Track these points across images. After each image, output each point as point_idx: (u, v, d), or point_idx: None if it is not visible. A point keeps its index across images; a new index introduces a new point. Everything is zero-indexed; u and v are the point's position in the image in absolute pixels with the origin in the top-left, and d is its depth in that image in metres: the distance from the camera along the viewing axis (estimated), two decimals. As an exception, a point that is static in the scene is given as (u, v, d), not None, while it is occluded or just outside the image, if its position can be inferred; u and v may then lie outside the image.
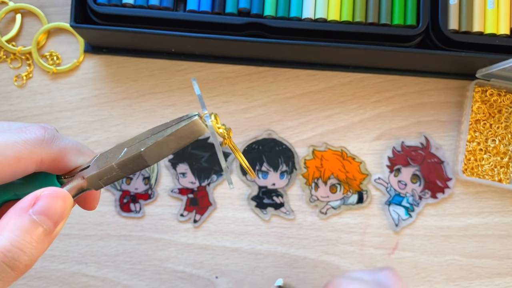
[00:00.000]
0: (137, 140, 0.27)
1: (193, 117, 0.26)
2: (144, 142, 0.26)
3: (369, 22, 0.46)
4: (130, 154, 0.26)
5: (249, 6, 0.45)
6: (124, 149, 0.27)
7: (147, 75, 0.51)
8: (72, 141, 0.28)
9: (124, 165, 0.26)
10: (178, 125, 0.26)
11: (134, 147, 0.26)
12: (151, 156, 0.26)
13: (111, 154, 0.27)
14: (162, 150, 0.26)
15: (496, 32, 0.46)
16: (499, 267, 0.49)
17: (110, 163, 0.26)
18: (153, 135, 0.26)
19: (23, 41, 0.51)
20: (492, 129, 0.50)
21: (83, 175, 0.27)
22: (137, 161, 0.26)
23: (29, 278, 0.47)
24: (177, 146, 0.26)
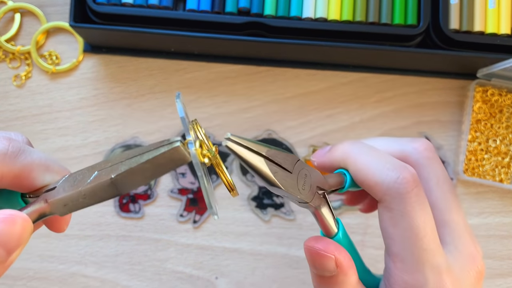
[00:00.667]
0: (110, 163, 0.24)
1: (174, 143, 0.22)
2: (117, 168, 0.23)
3: (369, 21, 0.46)
4: (99, 180, 0.23)
5: (249, 5, 0.45)
6: (95, 172, 0.24)
7: (147, 74, 0.50)
8: (41, 156, 0.25)
9: (92, 192, 0.23)
10: (157, 151, 0.22)
11: (105, 172, 0.23)
12: (123, 184, 0.23)
13: (80, 176, 0.24)
14: (136, 178, 0.23)
15: (497, 32, 0.46)
16: (500, 267, 0.49)
17: (77, 187, 0.23)
18: (128, 160, 0.23)
19: (22, 40, 0.51)
20: (493, 129, 0.50)
21: (46, 197, 0.24)
22: (107, 189, 0.23)
23: (28, 279, 0.47)
24: (154, 174, 0.23)
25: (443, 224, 0.29)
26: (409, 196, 0.26)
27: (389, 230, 0.27)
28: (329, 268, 0.27)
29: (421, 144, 0.30)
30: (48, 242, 0.48)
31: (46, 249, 0.48)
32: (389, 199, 0.27)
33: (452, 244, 0.28)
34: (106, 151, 0.49)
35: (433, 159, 0.30)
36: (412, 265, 0.26)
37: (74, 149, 0.49)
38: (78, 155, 0.49)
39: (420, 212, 0.26)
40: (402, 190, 0.26)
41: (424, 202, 0.27)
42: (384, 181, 0.27)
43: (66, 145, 0.49)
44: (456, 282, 0.27)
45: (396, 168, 0.27)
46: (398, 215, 0.26)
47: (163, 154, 0.22)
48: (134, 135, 0.49)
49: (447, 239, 0.28)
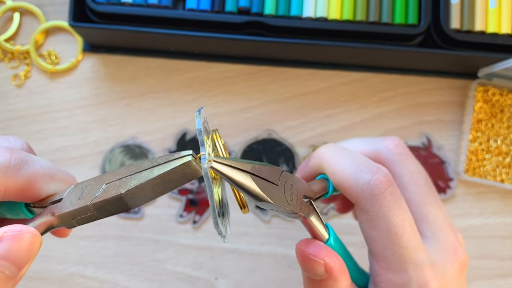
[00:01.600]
0: (118, 176, 0.23)
1: (185, 157, 0.22)
2: (126, 182, 0.22)
3: (370, 21, 0.45)
4: (108, 194, 0.22)
5: (249, 4, 0.45)
6: (103, 185, 0.23)
7: (146, 74, 0.50)
8: (45, 165, 0.24)
9: (101, 207, 0.22)
10: (167, 166, 0.22)
11: (114, 186, 0.22)
12: (133, 199, 0.22)
13: (88, 187, 0.23)
14: (147, 193, 0.22)
15: (498, 32, 0.46)
16: (500, 268, 0.49)
17: (86, 202, 0.22)
18: (137, 173, 0.22)
19: (21, 40, 0.51)
20: (494, 129, 0.49)
21: (53, 211, 0.23)
22: (116, 204, 0.22)
23: (27, 280, 0.47)
24: (165, 189, 0.22)
25: (422, 219, 0.29)
26: (383, 196, 0.26)
27: (368, 231, 0.27)
28: (319, 272, 0.27)
29: (391, 142, 0.31)
30: (47, 242, 0.47)
31: (45, 250, 0.47)
32: (364, 201, 0.27)
33: (432, 238, 0.28)
34: (106, 151, 0.49)
35: (404, 155, 0.30)
36: (394, 263, 0.27)
37: (73, 149, 0.49)
38: (77, 155, 0.49)
39: (397, 211, 0.27)
40: (376, 191, 0.26)
41: (400, 200, 0.27)
42: (358, 183, 0.27)
43: (65, 145, 0.49)
44: (439, 276, 0.27)
45: (369, 169, 0.27)
46: (374, 216, 0.27)
47: (174, 169, 0.22)
48: (134, 135, 0.49)
49: (427, 233, 0.29)
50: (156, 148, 0.49)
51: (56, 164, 0.48)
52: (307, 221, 0.27)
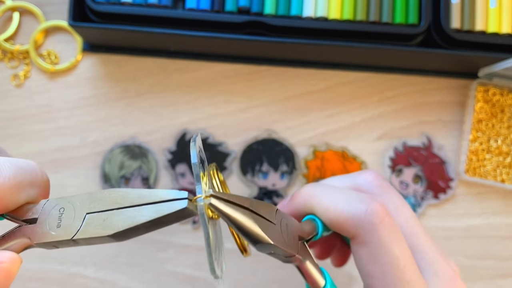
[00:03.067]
0: (101, 204, 0.21)
1: (181, 201, 0.20)
2: (112, 219, 0.21)
3: (370, 20, 0.45)
4: (94, 231, 0.21)
5: (249, 4, 0.45)
6: (85, 214, 0.21)
7: (146, 74, 0.50)
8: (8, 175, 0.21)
9: (86, 241, 0.21)
10: (160, 210, 0.20)
11: (97, 219, 0.21)
12: (121, 238, 0.21)
13: (66, 211, 0.21)
14: (136, 232, 0.21)
15: (498, 31, 0.46)
16: (501, 268, 0.49)
17: (68, 234, 0.21)
18: (124, 209, 0.21)
19: (21, 40, 0.51)
20: (495, 129, 0.49)
21: (30, 236, 0.21)
22: (104, 240, 0.21)
23: (27, 280, 0.47)
24: (155, 228, 0.21)
25: (414, 250, 0.28)
26: (383, 225, 0.25)
27: (368, 267, 0.25)
28: None
29: (369, 174, 0.30)
30: (47, 242, 0.47)
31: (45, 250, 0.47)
32: (363, 232, 0.25)
33: (428, 269, 0.27)
34: (105, 151, 0.48)
35: (385, 186, 0.30)
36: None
37: (73, 149, 0.49)
38: (77, 155, 0.48)
39: (396, 241, 0.25)
40: (374, 220, 0.25)
41: (397, 230, 0.26)
42: (354, 215, 0.26)
43: (64, 145, 0.49)
44: None
45: (363, 200, 0.26)
46: (375, 248, 0.25)
47: (167, 215, 0.21)
48: (134, 135, 0.49)
49: (422, 265, 0.27)
50: (156, 148, 0.49)
51: (55, 164, 0.48)
52: (303, 266, 0.26)
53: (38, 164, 0.24)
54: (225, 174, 0.48)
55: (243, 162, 0.49)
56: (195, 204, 0.21)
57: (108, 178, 0.48)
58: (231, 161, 0.49)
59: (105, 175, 0.48)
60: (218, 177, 0.24)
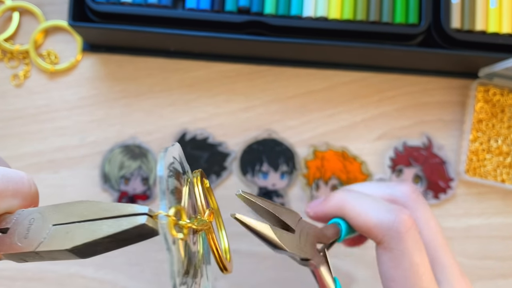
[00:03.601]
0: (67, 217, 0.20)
1: (137, 219, 0.19)
2: (73, 233, 0.20)
3: (370, 20, 0.45)
4: (55, 244, 0.20)
5: (249, 4, 0.45)
6: (50, 226, 0.20)
7: (146, 74, 0.50)
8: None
9: (49, 254, 0.20)
10: (119, 225, 0.19)
11: (61, 231, 0.20)
12: (82, 253, 0.20)
13: (35, 222, 0.21)
14: (97, 249, 0.20)
15: (499, 31, 0.46)
16: (501, 268, 0.49)
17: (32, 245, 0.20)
18: (87, 222, 0.20)
19: (21, 39, 0.50)
20: (495, 129, 0.49)
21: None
22: (64, 255, 0.20)
23: (26, 280, 0.46)
24: (118, 246, 0.20)
25: (435, 263, 0.30)
26: (408, 235, 0.28)
27: (390, 272, 0.28)
28: None
29: (408, 188, 0.33)
30: (47, 242, 0.47)
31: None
32: (389, 239, 0.28)
33: (445, 282, 0.30)
34: (105, 151, 0.48)
35: (419, 201, 0.32)
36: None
37: (73, 149, 0.49)
38: (77, 155, 0.48)
39: (418, 251, 0.28)
40: (401, 229, 0.28)
41: (420, 242, 0.29)
42: (383, 222, 0.28)
43: (64, 145, 0.49)
44: None
45: (392, 210, 0.29)
46: (398, 254, 0.28)
47: (125, 230, 0.19)
48: (134, 135, 0.49)
49: (440, 278, 0.30)
50: (156, 148, 0.48)
51: (55, 164, 0.48)
52: (317, 271, 0.28)
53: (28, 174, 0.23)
54: (225, 174, 0.48)
55: (243, 162, 0.49)
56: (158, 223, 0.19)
57: (108, 178, 0.48)
58: (231, 161, 0.49)
59: (105, 175, 0.48)
60: (202, 185, 0.23)
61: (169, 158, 0.21)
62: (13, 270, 0.47)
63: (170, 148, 0.22)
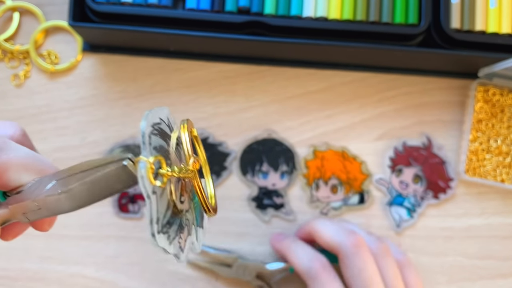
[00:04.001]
0: (69, 172, 0.23)
1: (123, 161, 0.21)
2: (68, 181, 0.22)
3: (370, 20, 0.45)
4: (51, 192, 0.22)
5: (249, 4, 0.45)
6: (53, 182, 0.22)
7: (146, 74, 0.50)
8: (20, 155, 0.24)
9: (45, 204, 0.22)
10: (105, 167, 0.21)
11: (60, 183, 0.22)
12: (72, 200, 0.22)
13: (44, 181, 0.23)
14: (83, 195, 0.22)
15: (498, 31, 0.46)
16: (501, 268, 0.49)
17: (34, 196, 0.22)
18: (81, 173, 0.22)
19: (21, 40, 0.51)
20: (495, 129, 0.49)
21: (9, 202, 0.23)
22: (57, 203, 0.22)
23: (27, 280, 0.47)
24: (102, 193, 0.22)
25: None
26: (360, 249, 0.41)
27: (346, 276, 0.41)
28: None
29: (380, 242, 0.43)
30: (47, 242, 0.47)
31: (45, 250, 0.47)
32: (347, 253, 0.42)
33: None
34: (105, 151, 0.48)
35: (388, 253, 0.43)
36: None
37: (73, 149, 0.49)
38: (77, 155, 0.48)
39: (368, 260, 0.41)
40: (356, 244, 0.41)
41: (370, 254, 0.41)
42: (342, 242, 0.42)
43: (65, 145, 0.49)
44: None
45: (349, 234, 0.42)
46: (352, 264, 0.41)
47: (109, 172, 0.21)
48: (133, 135, 0.49)
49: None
50: (156, 148, 0.48)
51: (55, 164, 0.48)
52: None
53: None
54: (225, 174, 0.48)
55: (243, 162, 0.49)
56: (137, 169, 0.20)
57: (108, 178, 0.48)
58: (231, 161, 0.49)
59: (105, 175, 0.48)
60: (189, 134, 0.23)
61: (155, 118, 0.22)
62: (14, 270, 0.47)
63: (156, 108, 0.22)
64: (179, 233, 0.23)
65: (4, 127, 0.27)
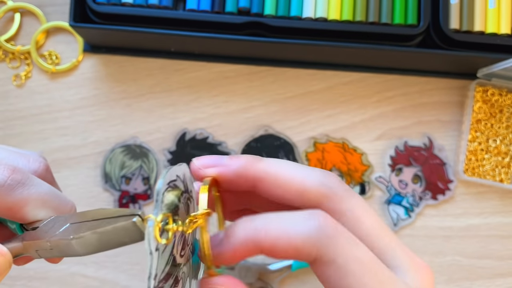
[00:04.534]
0: (82, 218, 0.24)
1: (133, 217, 0.21)
2: (80, 228, 0.23)
3: (369, 21, 0.46)
4: (63, 235, 0.23)
5: (249, 5, 0.45)
6: (67, 224, 0.24)
7: (146, 74, 0.50)
8: (41, 191, 0.25)
9: (57, 246, 0.23)
10: (115, 221, 0.22)
11: (72, 228, 0.23)
12: (81, 247, 0.23)
13: (59, 222, 0.24)
14: (94, 243, 0.23)
15: (497, 32, 0.46)
16: (500, 267, 0.49)
17: (47, 237, 0.23)
18: (94, 221, 0.23)
19: (22, 40, 0.51)
20: (493, 129, 0.50)
21: (24, 238, 0.24)
22: (67, 248, 0.23)
23: (28, 279, 0.47)
24: (113, 244, 0.23)
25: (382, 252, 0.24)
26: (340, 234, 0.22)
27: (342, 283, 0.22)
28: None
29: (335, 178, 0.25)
30: (48, 242, 0.47)
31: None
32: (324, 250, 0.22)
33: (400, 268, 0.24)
34: (106, 151, 0.49)
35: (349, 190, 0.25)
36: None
37: (74, 149, 0.49)
38: (78, 155, 0.49)
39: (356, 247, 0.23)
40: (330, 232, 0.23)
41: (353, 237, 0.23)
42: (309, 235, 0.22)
43: (65, 145, 0.49)
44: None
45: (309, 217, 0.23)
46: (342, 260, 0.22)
47: (119, 226, 0.22)
48: (134, 135, 0.49)
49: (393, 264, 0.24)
50: (156, 148, 0.49)
51: (56, 164, 0.48)
52: None
53: None
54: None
55: (243, 162, 0.49)
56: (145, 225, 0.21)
57: (109, 177, 0.48)
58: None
59: (106, 174, 0.48)
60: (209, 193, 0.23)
61: (172, 176, 0.22)
62: (16, 269, 0.47)
63: (175, 166, 0.23)
64: (174, 287, 0.23)
65: (29, 160, 0.27)
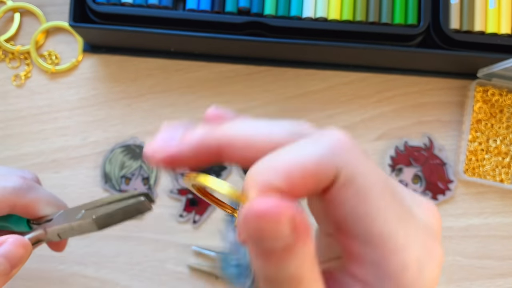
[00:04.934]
0: (94, 205, 0.31)
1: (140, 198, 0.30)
2: (97, 210, 0.31)
3: (370, 21, 0.45)
4: (85, 218, 0.31)
5: (249, 5, 0.45)
6: (82, 211, 0.31)
7: (146, 74, 0.50)
8: (45, 193, 0.33)
9: (79, 227, 0.31)
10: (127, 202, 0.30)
11: (89, 212, 0.31)
12: (101, 223, 0.31)
13: (71, 212, 0.32)
14: (111, 220, 0.31)
15: (497, 32, 0.46)
16: (500, 267, 0.49)
17: (69, 222, 0.31)
18: (107, 205, 0.31)
19: (22, 40, 0.51)
20: (494, 129, 0.50)
21: (45, 227, 0.32)
22: (89, 226, 0.31)
23: (29, 279, 0.47)
24: (124, 218, 0.31)
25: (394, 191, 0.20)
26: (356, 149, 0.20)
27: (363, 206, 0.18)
28: (283, 234, 0.16)
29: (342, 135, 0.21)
30: (48, 242, 0.47)
31: (46, 249, 0.47)
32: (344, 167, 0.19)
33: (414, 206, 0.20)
34: (106, 151, 0.49)
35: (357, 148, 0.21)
36: None
37: (74, 149, 0.49)
38: (78, 155, 0.49)
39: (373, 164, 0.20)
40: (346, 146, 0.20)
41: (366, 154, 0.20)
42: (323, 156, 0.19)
43: (65, 145, 0.49)
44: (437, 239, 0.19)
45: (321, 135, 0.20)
46: (363, 177, 0.19)
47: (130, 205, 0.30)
48: (134, 135, 0.49)
49: None
50: (156, 148, 0.49)
51: (56, 164, 0.49)
52: None
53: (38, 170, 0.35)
54: (225, 173, 0.49)
55: (243, 162, 0.49)
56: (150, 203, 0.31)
57: (109, 178, 0.48)
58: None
59: (106, 175, 0.48)
60: None
61: None
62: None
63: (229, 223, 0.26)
64: None
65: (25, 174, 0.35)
